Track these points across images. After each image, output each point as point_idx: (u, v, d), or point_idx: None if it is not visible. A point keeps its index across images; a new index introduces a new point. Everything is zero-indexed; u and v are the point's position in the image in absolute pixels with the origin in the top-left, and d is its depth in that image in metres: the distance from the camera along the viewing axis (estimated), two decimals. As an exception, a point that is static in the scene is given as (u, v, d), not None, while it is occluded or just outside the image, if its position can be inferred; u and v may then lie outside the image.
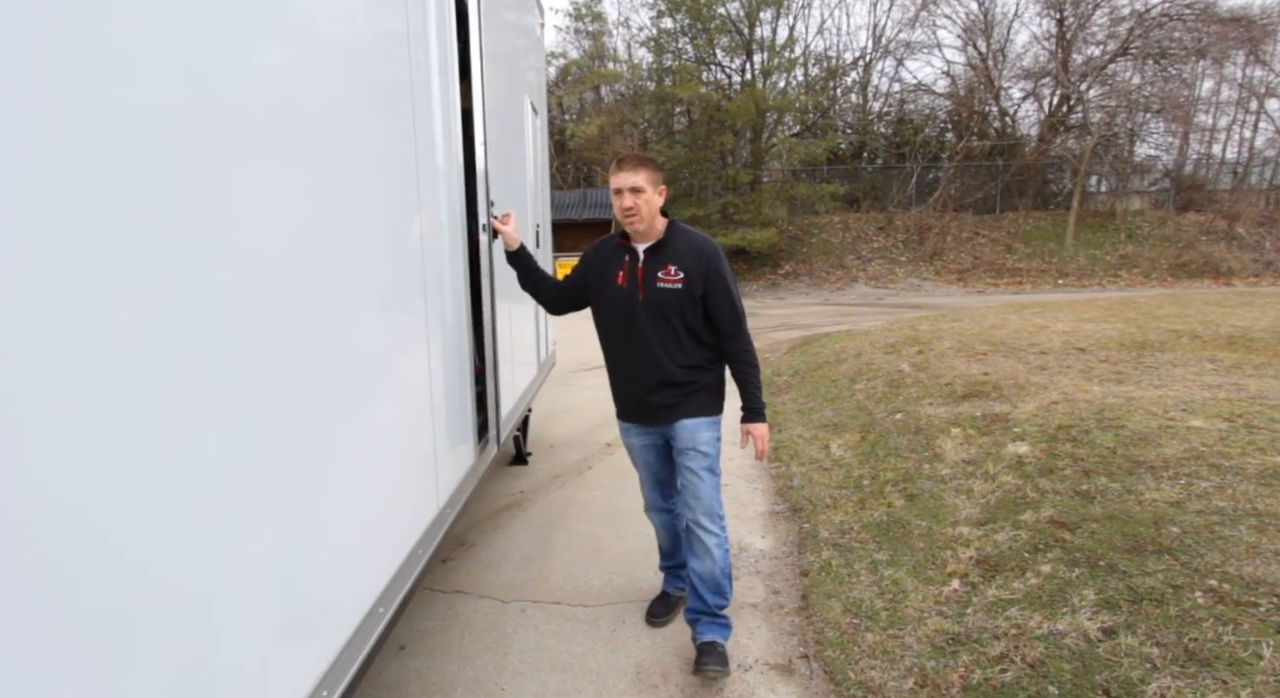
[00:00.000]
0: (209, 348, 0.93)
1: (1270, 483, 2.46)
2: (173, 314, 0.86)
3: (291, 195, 1.17)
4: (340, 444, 1.34)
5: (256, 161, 1.05)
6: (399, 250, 1.67)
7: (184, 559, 0.88)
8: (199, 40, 0.92)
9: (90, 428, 0.73)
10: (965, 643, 2.07)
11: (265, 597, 1.06)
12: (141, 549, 0.80)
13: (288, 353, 1.13)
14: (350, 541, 1.38)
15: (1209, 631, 1.79)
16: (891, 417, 4.39)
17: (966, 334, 6.48)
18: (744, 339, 2.17)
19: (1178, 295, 10.88)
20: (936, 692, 1.90)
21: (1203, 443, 2.89)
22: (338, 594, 1.31)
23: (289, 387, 1.13)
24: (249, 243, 1.03)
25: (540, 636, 2.36)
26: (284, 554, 1.12)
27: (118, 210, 0.77)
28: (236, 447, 0.99)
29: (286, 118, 1.13)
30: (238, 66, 1.00)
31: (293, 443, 1.15)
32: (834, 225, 20.08)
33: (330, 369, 1.30)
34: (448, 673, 2.16)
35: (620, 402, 2.30)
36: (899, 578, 2.53)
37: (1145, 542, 2.25)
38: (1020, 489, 2.91)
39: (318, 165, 1.26)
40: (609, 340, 2.24)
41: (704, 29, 19.04)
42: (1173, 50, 20.96)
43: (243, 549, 1.01)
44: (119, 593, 0.77)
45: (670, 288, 2.07)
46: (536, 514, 3.49)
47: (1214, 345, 5.24)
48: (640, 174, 2.02)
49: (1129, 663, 1.77)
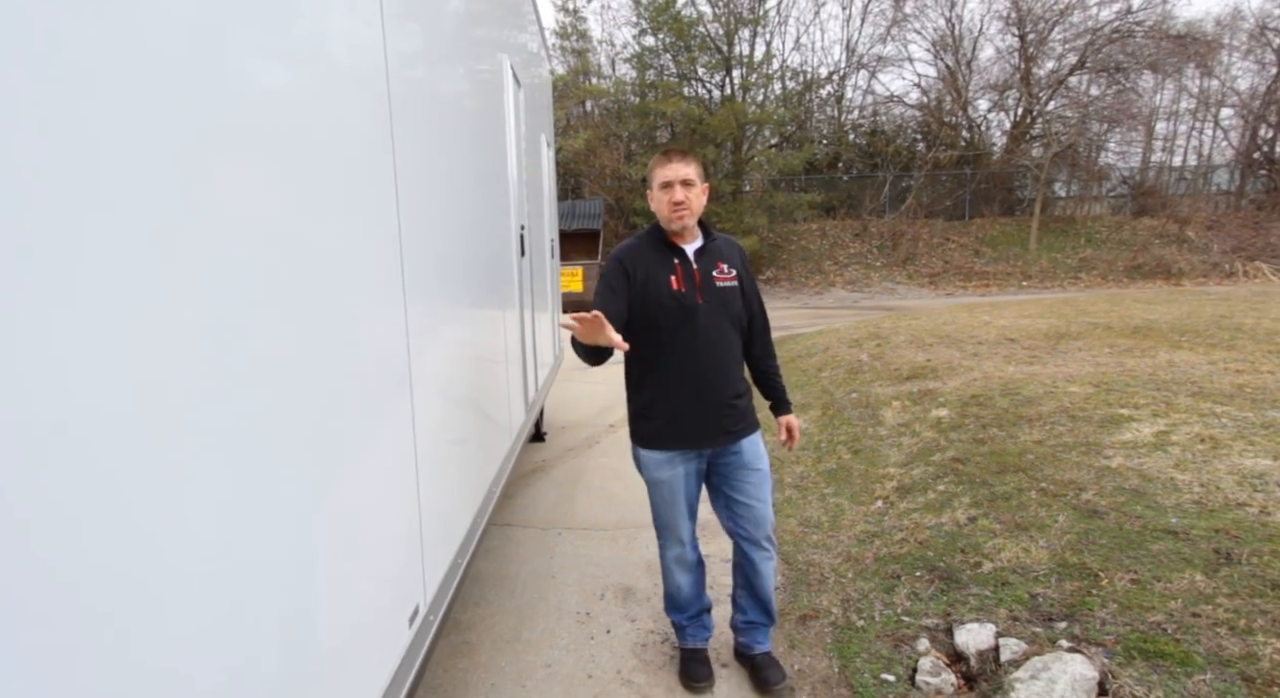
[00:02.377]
0: (448, 319, 1.76)
1: (1104, 425, 3.37)
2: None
3: (483, 228, 2.01)
4: (485, 399, 2.18)
5: (466, 198, 1.90)
6: (501, 261, 2.52)
7: (374, 459, 1.70)
8: (444, 138, 1.75)
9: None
10: (879, 536, 2.94)
11: (428, 511, 1.71)
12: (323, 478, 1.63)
13: (470, 332, 1.97)
14: (471, 474, 2.18)
15: (1032, 512, 2.68)
16: (848, 396, 5.28)
17: (920, 330, 7.42)
18: (770, 336, 2.15)
19: (1116, 295, 11.95)
20: (855, 564, 2.76)
21: (1071, 402, 3.80)
22: (460, 508, 2.06)
23: (474, 358, 1.97)
24: (459, 251, 1.87)
25: (574, 546, 3.20)
26: (449, 481, 1.91)
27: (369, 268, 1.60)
28: (436, 396, 1.82)
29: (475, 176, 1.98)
30: (464, 147, 1.85)
31: (470, 393, 1.99)
32: (812, 233, 21.13)
33: (483, 344, 2.14)
34: (510, 569, 2.99)
35: (668, 427, 1.97)
36: (839, 503, 3.41)
37: (1009, 466, 3.15)
38: (935, 441, 3.80)
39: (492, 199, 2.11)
40: (661, 355, 1.93)
41: (685, 47, 20.08)
42: (1126, 64, 22.32)
43: (425, 469, 1.84)
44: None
45: (729, 286, 1.96)
46: (558, 476, 4.32)
47: (1120, 334, 6.20)
48: (692, 166, 1.89)
49: (980, 535, 2.65)
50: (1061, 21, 21.96)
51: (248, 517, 0.83)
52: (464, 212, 2.04)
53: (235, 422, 0.80)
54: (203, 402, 0.74)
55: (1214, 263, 20.81)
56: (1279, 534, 2.16)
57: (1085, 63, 21.88)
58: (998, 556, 2.46)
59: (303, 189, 0.99)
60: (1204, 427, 3.20)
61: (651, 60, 20.67)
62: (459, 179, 1.97)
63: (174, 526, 0.70)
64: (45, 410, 0.55)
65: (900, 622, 2.28)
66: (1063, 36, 22.16)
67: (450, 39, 1.98)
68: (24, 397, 0.53)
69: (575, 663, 2.28)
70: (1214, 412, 3.42)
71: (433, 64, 1.76)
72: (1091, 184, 23.29)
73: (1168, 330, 6.21)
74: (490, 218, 2.50)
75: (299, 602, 0.96)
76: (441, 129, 1.76)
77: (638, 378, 2.02)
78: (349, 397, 1.14)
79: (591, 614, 2.59)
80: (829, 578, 2.70)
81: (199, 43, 0.76)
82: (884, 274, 20.21)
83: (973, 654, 1.99)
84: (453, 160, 1.88)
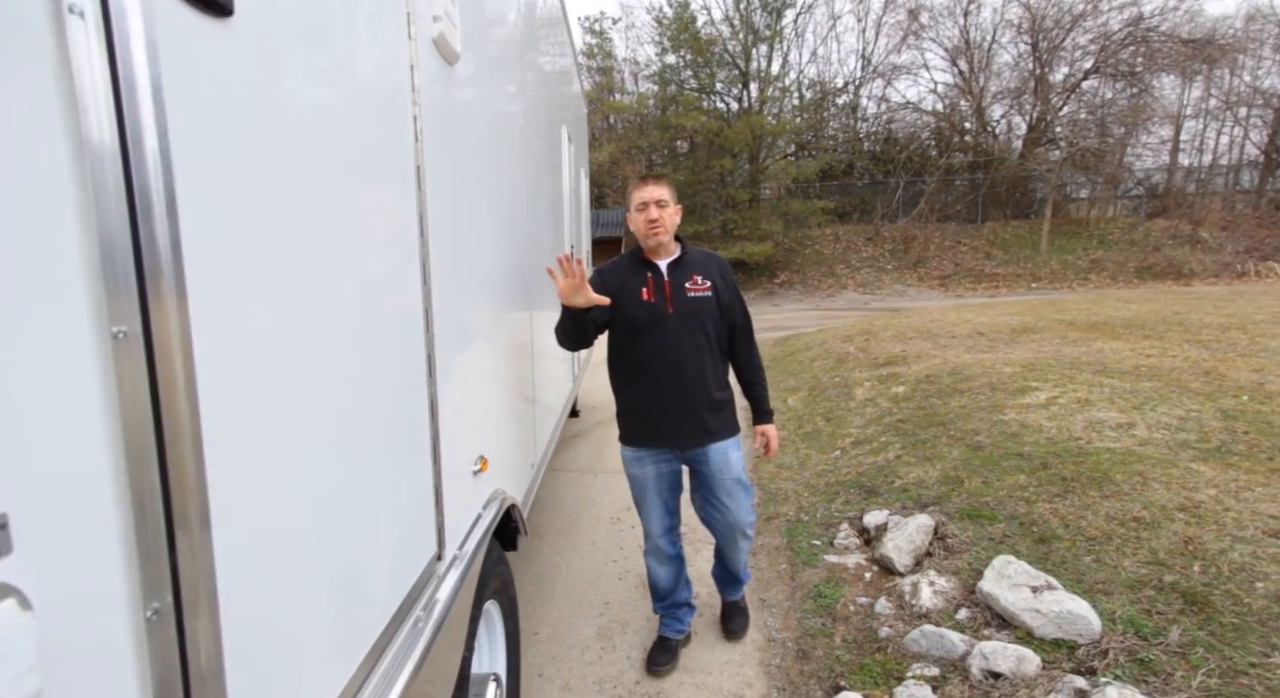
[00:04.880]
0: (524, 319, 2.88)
1: (1014, 393, 4.38)
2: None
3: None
4: (558, 364, 3.30)
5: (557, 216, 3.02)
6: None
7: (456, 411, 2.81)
8: (545, 176, 2.87)
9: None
10: (832, 472, 3.99)
11: (520, 447, 2.96)
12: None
13: (550, 320, 3.08)
14: (546, 413, 3.31)
15: (938, 450, 3.71)
16: (832, 380, 6.31)
17: (906, 327, 8.40)
18: (755, 346, 2.27)
19: (1105, 295, 12.72)
20: (810, 489, 3.82)
21: (998, 379, 4.80)
22: (537, 445, 3.20)
23: (550, 341, 3.09)
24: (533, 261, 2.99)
25: (605, 483, 4.30)
26: (543, 418, 3.05)
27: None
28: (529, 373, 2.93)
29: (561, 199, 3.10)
30: (560, 184, 2.97)
31: (549, 361, 3.10)
32: (825, 237, 22.02)
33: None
34: (561, 495, 4.10)
35: (639, 427, 2.19)
36: (809, 453, 4.46)
37: (934, 422, 4.18)
38: (889, 409, 4.83)
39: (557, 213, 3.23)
40: (633, 360, 2.13)
41: (705, 63, 21.19)
42: (1139, 69, 22.80)
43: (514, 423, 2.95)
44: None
45: (701, 296, 2.08)
46: (590, 439, 5.44)
47: (1078, 329, 7.12)
48: (664, 188, 2.06)
49: (900, 465, 3.69)
50: (1075, 28, 22.56)
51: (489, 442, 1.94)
52: (543, 236, 3.16)
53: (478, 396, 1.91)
54: (394, 382, 1.86)
55: (1226, 263, 21.14)
56: (1085, 454, 3.18)
57: (1099, 68, 22.46)
58: (906, 476, 3.51)
59: (494, 227, 2.11)
60: (1086, 393, 4.19)
61: (672, 77, 21.83)
62: (538, 211, 3.09)
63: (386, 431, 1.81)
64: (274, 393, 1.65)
65: (832, 516, 3.35)
66: (1076, 43, 22.76)
67: (545, 129, 3.11)
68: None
69: (610, 543, 3.39)
70: (1101, 383, 4.40)
71: (537, 140, 2.89)
72: (1105, 186, 23.77)
73: (1118, 325, 7.12)
74: (553, 239, 3.63)
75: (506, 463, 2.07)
76: (534, 177, 2.89)
77: (618, 382, 2.22)
78: (519, 366, 2.25)
79: (619, 519, 3.69)
80: (790, 497, 3.77)
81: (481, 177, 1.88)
82: (895, 277, 21.02)
83: (872, 527, 3.04)
84: (536, 198, 3.01)
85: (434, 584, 1.24)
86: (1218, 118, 24.21)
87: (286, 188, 0.74)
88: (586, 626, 2.62)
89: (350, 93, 0.91)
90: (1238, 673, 1.70)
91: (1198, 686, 1.69)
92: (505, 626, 1.82)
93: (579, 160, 5.33)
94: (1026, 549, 2.51)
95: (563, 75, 4.15)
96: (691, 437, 2.13)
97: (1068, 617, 2.00)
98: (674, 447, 2.17)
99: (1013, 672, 1.88)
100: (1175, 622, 1.93)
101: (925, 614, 2.32)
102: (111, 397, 0.48)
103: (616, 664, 2.37)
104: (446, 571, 1.30)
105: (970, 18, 23.41)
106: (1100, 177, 23.39)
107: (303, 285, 0.78)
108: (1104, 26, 22.08)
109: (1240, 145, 24.08)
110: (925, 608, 2.34)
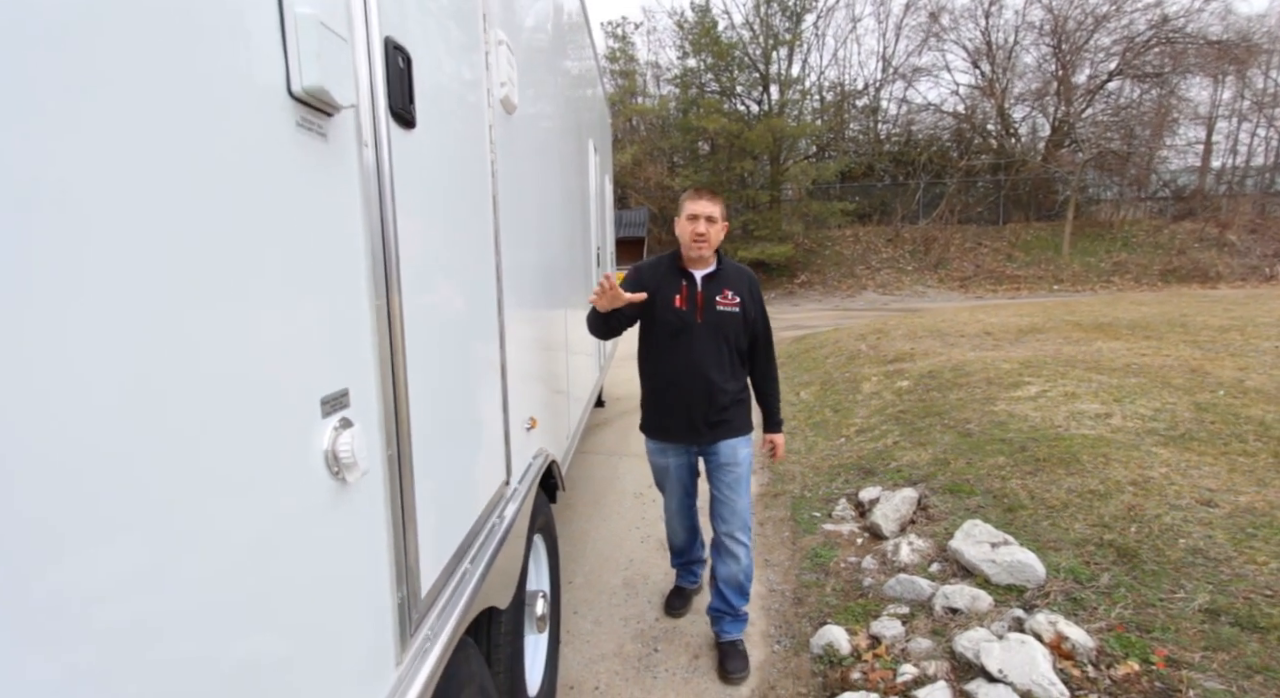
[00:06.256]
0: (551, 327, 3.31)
1: (1008, 387, 4.71)
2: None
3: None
4: (587, 352, 3.73)
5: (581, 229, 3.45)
6: (589, 270, 4.07)
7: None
8: (575, 189, 3.30)
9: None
10: (835, 456, 4.37)
11: (556, 417, 3.40)
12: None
13: (582, 314, 3.51)
14: (579, 394, 3.74)
15: (932, 436, 4.07)
16: (842, 375, 6.67)
17: (918, 326, 8.70)
18: (773, 358, 2.39)
19: (1121, 297, 12.82)
20: (815, 470, 4.20)
21: (995, 374, 5.13)
22: (570, 422, 3.63)
23: (582, 332, 3.52)
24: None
25: (629, 464, 4.73)
26: (574, 397, 3.48)
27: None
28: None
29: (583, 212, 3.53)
30: (586, 188, 3.39)
31: (581, 350, 3.52)
32: (845, 238, 22.21)
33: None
34: (590, 473, 4.54)
35: (660, 421, 2.38)
36: (815, 440, 4.84)
37: (931, 413, 4.53)
38: (892, 401, 5.18)
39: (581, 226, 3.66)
40: (659, 360, 2.29)
41: (725, 67, 21.54)
42: (1165, 71, 22.60)
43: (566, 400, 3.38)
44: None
45: (729, 311, 2.21)
46: (615, 426, 5.87)
47: (1083, 329, 7.37)
48: (717, 206, 2.18)
49: (896, 450, 4.06)
50: (1098, 29, 22.46)
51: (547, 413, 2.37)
52: (574, 238, 3.60)
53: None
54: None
55: (1253, 267, 20.86)
56: (1060, 439, 3.52)
57: (1122, 70, 22.33)
58: (901, 459, 3.88)
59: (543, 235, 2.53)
60: (1074, 387, 4.50)
61: (693, 80, 22.21)
62: (571, 219, 3.52)
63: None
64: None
65: (832, 493, 3.73)
66: (1099, 44, 22.66)
67: (575, 148, 3.54)
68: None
69: (634, 513, 3.82)
70: (1090, 378, 4.71)
71: (568, 159, 3.32)
72: (1130, 188, 23.58)
73: (1123, 327, 7.36)
74: (583, 242, 4.07)
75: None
76: (566, 190, 3.32)
77: (645, 373, 2.39)
78: (557, 350, 2.68)
79: (642, 495, 4.11)
80: (796, 477, 4.16)
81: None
82: (915, 278, 21.14)
83: (866, 501, 3.42)
84: (568, 207, 3.44)
85: (503, 503, 1.66)
86: (1249, 119, 23.84)
87: (445, 222, 1.18)
88: (614, 577, 3.04)
89: (471, 154, 1.36)
90: (1148, 606, 2.06)
91: (1115, 616, 2.05)
92: (549, 559, 2.25)
93: (604, 168, 5.77)
94: (995, 517, 2.87)
95: (589, 97, 4.58)
96: (708, 434, 2.29)
97: (1018, 565, 2.37)
98: (691, 444, 2.36)
99: (967, 607, 2.26)
100: (1107, 570, 2.29)
101: (903, 568, 2.70)
102: (377, 330, 0.92)
103: (639, 606, 2.78)
104: (510, 496, 1.73)
105: (991, 19, 23.42)
106: (1124, 179, 23.24)
107: (458, 283, 1.24)
108: (1127, 28, 21.97)
109: (1276, 147, 23.70)
110: (904, 563, 2.72)
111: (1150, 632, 1.97)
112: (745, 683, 2.27)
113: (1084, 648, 1.93)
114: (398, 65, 0.89)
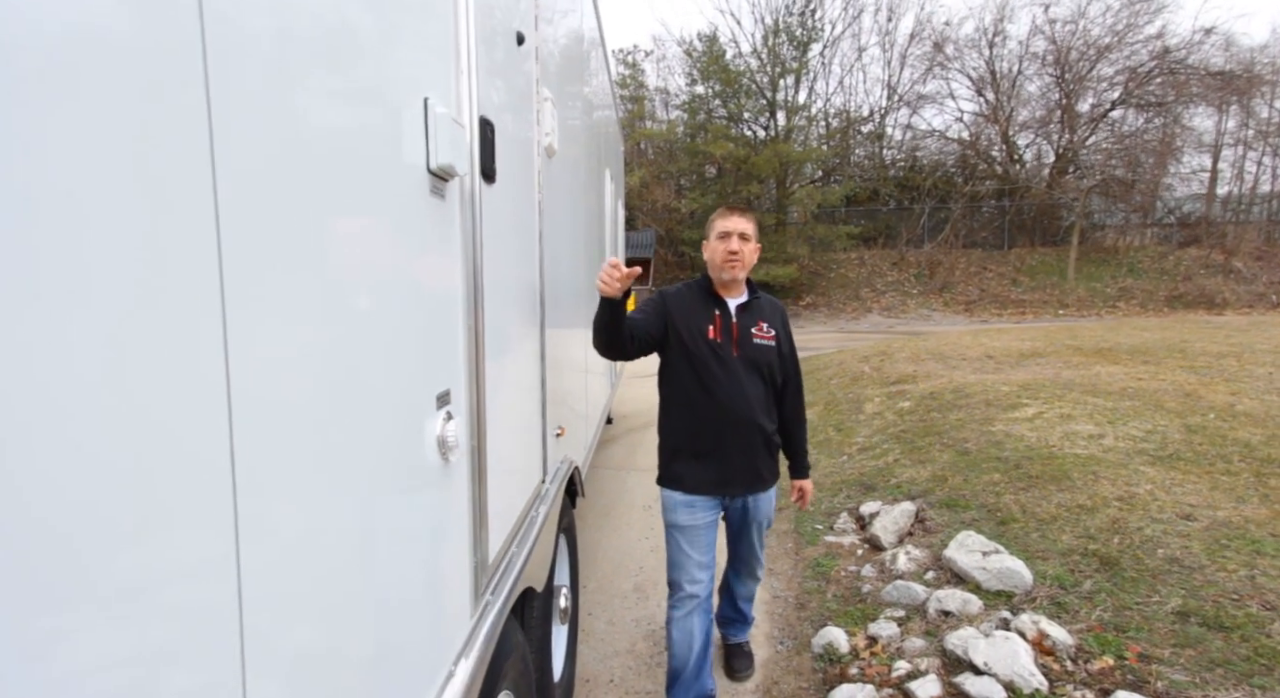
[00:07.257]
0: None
1: (1006, 409, 4.89)
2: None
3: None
4: (601, 370, 3.94)
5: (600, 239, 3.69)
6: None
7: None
8: (594, 216, 3.54)
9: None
10: (837, 472, 4.54)
11: (578, 429, 3.61)
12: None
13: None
14: (596, 407, 3.94)
15: (931, 455, 4.25)
16: (846, 396, 6.85)
17: (921, 349, 8.89)
18: (803, 399, 2.23)
19: (1125, 322, 12.97)
20: (818, 487, 4.37)
21: (995, 396, 5.31)
22: (587, 435, 3.84)
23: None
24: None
25: (637, 478, 4.91)
26: (594, 408, 3.69)
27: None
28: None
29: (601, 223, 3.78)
30: (603, 215, 3.64)
31: (597, 368, 3.74)
32: (851, 261, 22.49)
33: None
34: (601, 487, 4.73)
35: (695, 472, 2.06)
36: (819, 458, 5.02)
37: (931, 432, 4.71)
38: (894, 421, 5.36)
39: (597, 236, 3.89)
40: (694, 399, 2.02)
41: (733, 94, 22.06)
42: (1168, 100, 22.95)
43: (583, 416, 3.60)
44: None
45: (766, 344, 2.04)
46: (623, 442, 6.06)
47: (1083, 354, 7.54)
48: (750, 222, 2.02)
49: (896, 467, 4.24)
50: (1100, 60, 22.90)
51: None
52: (595, 262, 3.83)
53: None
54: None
55: (1260, 294, 20.98)
56: (1054, 457, 3.70)
57: (1125, 100, 22.72)
58: (901, 475, 4.06)
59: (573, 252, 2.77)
60: (1070, 409, 4.68)
61: (701, 106, 22.72)
62: (591, 243, 3.77)
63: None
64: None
65: (834, 507, 3.90)
66: (1101, 74, 23.07)
67: (595, 179, 3.80)
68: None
69: (643, 525, 4.00)
70: (1086, 401, 4.89)
71: (590, 189, 3.57)
72: (1135, 215, 23.81)
73: (1122, 352, 7.53)
74: (600, 265, 4.31)
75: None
76: (589, 218, 3.57)
77: (674, 419, 2.09)
78: (578, 369, 2.91)
79: (650, 508, 4.30)
80: (800, 492, 4.33)
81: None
82: (920, 301, 21.35)
83: (866, 515, 3.60)
84: (590, 234, 3.68)
85: (540, 499, 1.88)
86: (1254, 147, 24.10)
87: (511, 254, 1.43)
88: (625, 582, 3.22)
89: (525, 197, 1.62)
90: (1125, 609, 2.23)
91: (1094, 617, 2.23)
92: (570, 557, 2.45)
93: (617, 194, 6.04)
94: (989, 529, 3.05)
95: (608, 133, 4.87)
96: (748, 485, 2.08)
97: (1007, 572, 2.55)
98: (726, 495, 2.09)
99: (959, 610, 2.44)
100: (1090, 577, 2.46)
101: (900, 576, 2.87)
102: (467, 343, 1.14)
103: (649, 609, 2.96)
104: (544, 494, 1.94)
105: (995, 49, 23.91)
106: (1130, 205, 23.48)
107: (518, 305, 1.49)
108: (1129, 59, 22.39)
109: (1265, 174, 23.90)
110: (901, 571, 2.90)
111: (1126, 631, 2.14)
112: (750, 679, 2.43)
113: (1064, 645, 2.11)
114: (487, 136, 1.13)
